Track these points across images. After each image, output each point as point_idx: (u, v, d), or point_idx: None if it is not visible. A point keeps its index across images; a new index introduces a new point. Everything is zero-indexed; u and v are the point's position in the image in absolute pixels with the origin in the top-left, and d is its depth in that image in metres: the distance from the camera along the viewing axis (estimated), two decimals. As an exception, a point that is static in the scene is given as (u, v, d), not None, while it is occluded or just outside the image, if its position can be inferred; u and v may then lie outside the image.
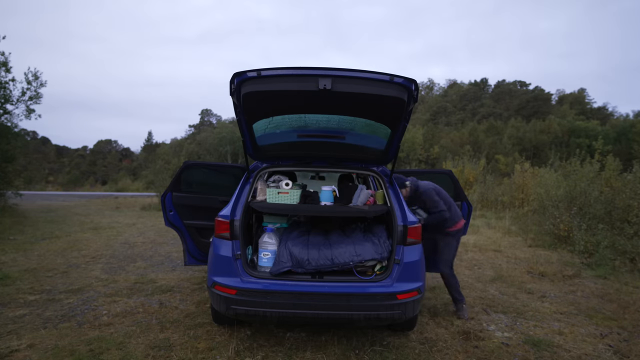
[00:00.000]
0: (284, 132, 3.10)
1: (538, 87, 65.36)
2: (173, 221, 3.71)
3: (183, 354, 2.77)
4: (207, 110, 75.52)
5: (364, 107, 2.69)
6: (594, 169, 9.45)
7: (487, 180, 15.45)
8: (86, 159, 64.32)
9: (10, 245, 6.61)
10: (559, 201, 8.21)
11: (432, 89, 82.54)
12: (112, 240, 7.39)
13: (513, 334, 3.29)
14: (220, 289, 2.69)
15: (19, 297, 3.95)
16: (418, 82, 2.56)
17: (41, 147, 60.03)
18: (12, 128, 11.81)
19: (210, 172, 4.00)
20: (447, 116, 61.83)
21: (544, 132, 41.44)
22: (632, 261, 5.59)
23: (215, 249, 2.86)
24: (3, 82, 11.18)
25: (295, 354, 2.82)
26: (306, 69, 2.37)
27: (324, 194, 3.24)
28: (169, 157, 29.93)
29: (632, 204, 6.94)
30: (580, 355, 2.93)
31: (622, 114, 54.36)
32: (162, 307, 3.73)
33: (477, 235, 8.56)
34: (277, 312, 2.60)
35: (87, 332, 3.13)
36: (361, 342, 3.00)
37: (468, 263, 5.94)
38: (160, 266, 5.43)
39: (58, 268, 5.15)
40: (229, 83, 2.51)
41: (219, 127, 57.73)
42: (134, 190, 28.81)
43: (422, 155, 37.88)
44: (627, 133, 36.82)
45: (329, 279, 2.78)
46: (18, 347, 2.84)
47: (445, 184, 3.84)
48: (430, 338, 3.16)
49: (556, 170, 12.38)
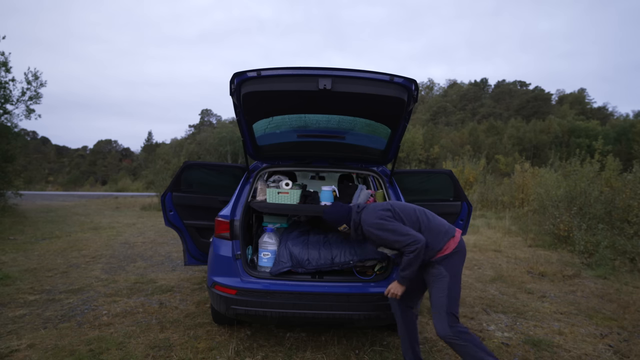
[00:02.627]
0: (284, 132, 3.10)
1: (538, 87, 65.47)
2: (173, 221, 3.70)
3: (183, 354, 2.77)
4: (207, 110, 75.66)
5: (364, 107, 2.69)
6: (594, 169, 9.47)
7: (487, 180, 15.48)
8: (86, 159, 64.33)
9: (10, 245, 6.61)
10: (559, 201, 8.21)
11: (432, 89, 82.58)
12: (112, 240, 7.39)
13: (513, 334, 3.29)
14: (220, 289, 2.69)
15: (19, 297, 3.95)
16: (418, 82, 2.56)
17: (41, 147, 60.05)
18: (12, 128, 11.83)
19: (210, 172, 4.00)
20: (447, 116, 61.82)
21: (544, 132, 41.43)
22: (632, 261, 5.59)
23: (215, 249, 2.86)
24: (3, 82, 11.20)
25: (295, 354, 2.82)
26: (306, 69, 2.37)
27: (324, 194, 3.24)
28: (169, 157, 29.96)
29: (632, 204, 6.94)
30: (580, 355, 2.93)
31: (622, 114, 54.55)
32: (162, 307, 3.73)
33: (477, 235, 8.56)
34: (277, 312, 2.60)
35: (87, 332, 3.13)
36: (361, 342, 3.00)
37: (468, 263, 5.94)
38: (160, 266, 5.43)
39: (58, 268, 5.15)
40: (229, 83, 2.51)
41: (219, 127, 57.76)
42: (134, 190, 28.82)
43: (422, 155, 37.86)
44: (627, 133, 36.82)
45: (329, 279, 2.78)
46: (18, 347, 2.84)
47: (445, 184, 3.83)
48: (430, 338, 3.16)
49: (556, 170, 12.39)
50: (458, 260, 2.32)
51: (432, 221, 2.38)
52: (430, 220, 2.38)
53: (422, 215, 2.40)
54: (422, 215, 2.39)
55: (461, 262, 2.35)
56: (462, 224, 3.78)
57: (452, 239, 2.32)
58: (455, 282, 2.26)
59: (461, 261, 2.35)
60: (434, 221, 2.39)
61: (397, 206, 2.43)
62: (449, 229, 2.36)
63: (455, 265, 2.30)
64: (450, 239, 2.31)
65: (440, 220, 2.43)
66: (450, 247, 2.29)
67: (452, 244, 2.30)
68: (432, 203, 3.80)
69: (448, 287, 2.23)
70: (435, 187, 3.93)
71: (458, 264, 2.32)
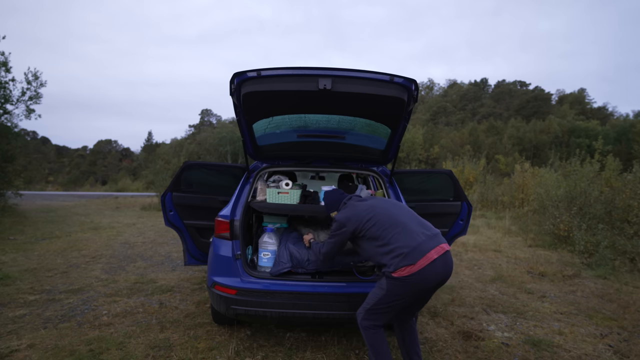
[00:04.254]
0: (284, 132, 3.10)
1: (538, 87, 65.51)
2: (173, 221, 3.70)
3: (183, 354, 2.77)
4: (207, 110, 75.70)
5: (364, 107, 2.69)
6: (594, 169, 9.48)
7: (487, 180, 15.48)
8: (86, 159, 64.36)
9: (10, 245, 6.61)
10: (559, 201, 8.21)
11: (432, 89, 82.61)
12: (112, 240, 7.39)
13: (513, 334, 3.29)
14: (220, 289, 2.69)
15: (19, 297, 3.95)
16: (418, 82, 2.56)
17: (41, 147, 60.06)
18: (12, 128, 11.82)
19: (210, 172, 3.99)
20: (447, 116, 61.84)
21: (544, 132, 41.45)
22: (632, 261, 5.59)
23: (215, 249, 2.86)
24: (3, 82, 11.20)
25: (295, 354, 2.82)
26: (306, 69, 2.37)
27: (324, 194, 3.24)
28: (169, 157, 29.95)
29: (632, 204, 6.94)
30: (580, 355, 2.93)
31: (622, 114, 54.58)
32: (162, 307, 3.73)
33: (477, 235, 8.56)
34: (277, 312, 2.60)
35: (87, 332, 3.13)
36: (361, 342, 3.00)
37: (468, 263, 5.94)
38: (160, 266, 5.43)
39: (58, 268, 5.15)
40: (229, 83, 2.51)
41: (219, 127, 57.77)
42: (134, 190, 28.82)
43: (422, 155, 37.87)
44: (627, 133, 36.85)
45: (329, 279, 2.78)
46: (18, 347, 2.84)
47: (445, 184, 3.83)
48: (430, 338, 3.16)
49: (556, 170, 12.39)
50: (406, 288, 2.11)
51: (399, 241, 2.16)
52: (398, 240, 2.17)
53: (394, 231, 2.21)
54: (393, 231, 2.21)
55: (408, 291, 2.12)
56: (462, 224, 3.77)
57: (410, 266, 2.08)
58: (391, 300, 2.16)
59: (408, 290, 2.12)
60: (404, 235, 2.17)
61: (375, 215, 2.30)
62: (412, 253, 2.09)
63: (399, 288, 2.12)
64: (407, 265, 2.08)
65: (410, 240, 2.14)
66: (405, 270, 2.08)
67: (409, 269, 2.08)
68: (432, 203, 3.80)
69: (379, 297, 2.19)
70: (435, 187, 3.93)
71: (404, 290, 2.12)
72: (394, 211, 2.36)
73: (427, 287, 2.15)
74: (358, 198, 2.59)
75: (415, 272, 2.08)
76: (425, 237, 2.18)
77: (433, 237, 2.21)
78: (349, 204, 2.53)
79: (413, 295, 2.18)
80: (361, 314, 2.28)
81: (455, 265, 5.74)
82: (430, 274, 2.10)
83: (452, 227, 3.78)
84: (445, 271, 2.16)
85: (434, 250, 2.13)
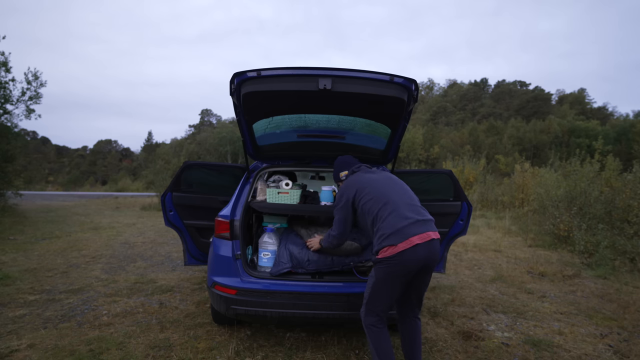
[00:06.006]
0: (284, 132, 3.10)
1: (538, 87, 65.54)
2: (173, 221, 3.70)
3: (183, 354, 2.77)
4: (207, 110, 75.74)
5: (364, 107, 2.69)
6: (594, 169, 9.48)
7: (487, 180, 15.48)
8: (86, 159, 64.38)
9: (10, 245, 6.61)
10: (559, 201, 8.22)
11: (432, 89, 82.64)
12: (112, 240, 7.39)
13: (513, 334, 3.29)
14: (220, 289, 2.69)
15: (19, 297, 3.95)
16: (418, 82, 2.56)
17: (41, 147, 60.07)
18: (12, 128, 11.83)
19: (210, 172, 3.99)
20: (447, 116, 61.84)
21: (544, 132, 41.45)
22: (632, 261, 5.59)
23: (215, 249, 2.86)
24: (3, 82, 11.20)
25: (295, 354, 2.82)
26: (306, 69, 2.37)
27: (324, 194, 3.24)
28: (169, 157, 29.96)
29: (632, 204, 6.95)
30: (580, 355, 2.93)
31: (622, 114, 54.60)
32: (162, 307, 3.73)
33: (477, 235, 8.56)
34: (277, 312, 2.60)
35: (87, 332, 3.13)
36: (361, 342, 3.00)
37: (468, 263, 5.94)
38: (160, 266, 5.43)
39: (58, 268, 5.15)
40: (229, 83, 2.51)
41: (219, 127, 57.78)
42: (134, 190, 28.83)
43: (422, 155, 37.86)
44: (627, 133, 36.85)
45: (329, 279, 2.78)
46: (18, 347, 2.84)
47: (445, 184, 3.83)
48: (430, 338, 3.16)
49: (556, 170, 12.39)
50: (389, 269, 2.14)
51: (387, 221, 2.19)
52: (386, 220, 2.20)
53: (386, 211, 2.23)
54: (385, 211, 2.23)
55: (392, 272, 2.14)
56: (462, 224, 3.77)
57: (392, 247, 2.11)
58: (381, 286, 2.18)
59: (392, 271, 2.14)
60: (389, 222, 2.18)
61: (373, 189, 2.35)
62: (395, 235, 2.12)
63: (383, 271, 2.16)
64: (389, 246, 2.12)
65: (396, 223, 2.16)
66: (389, 250, 2.12)
67: (393, 248, 2.11)
68: (432, 203, 3.80)
69: (370, 286, 2.23)
70: (435, 187, 3.92)
71: (388, 272, 2.15)
72: (392, 191, 2.36)
73: (410, 269, 2.14)
74: (366, 169, 2.62)
75: (396, 253, 2.10)
76: (413, 221, 2.18)
77: (423, 224, 2.20)
78: (355, 175, 2.58)
79: (399, 278, 2.17)
80: (363, 312, 2.31)
81: (455, 265, 5.76)
82: (412, 256, 2.11)
83: (452, 227, 3.77)
84: (428, 258, 2.15)
85: (418, 236, 2.12)
